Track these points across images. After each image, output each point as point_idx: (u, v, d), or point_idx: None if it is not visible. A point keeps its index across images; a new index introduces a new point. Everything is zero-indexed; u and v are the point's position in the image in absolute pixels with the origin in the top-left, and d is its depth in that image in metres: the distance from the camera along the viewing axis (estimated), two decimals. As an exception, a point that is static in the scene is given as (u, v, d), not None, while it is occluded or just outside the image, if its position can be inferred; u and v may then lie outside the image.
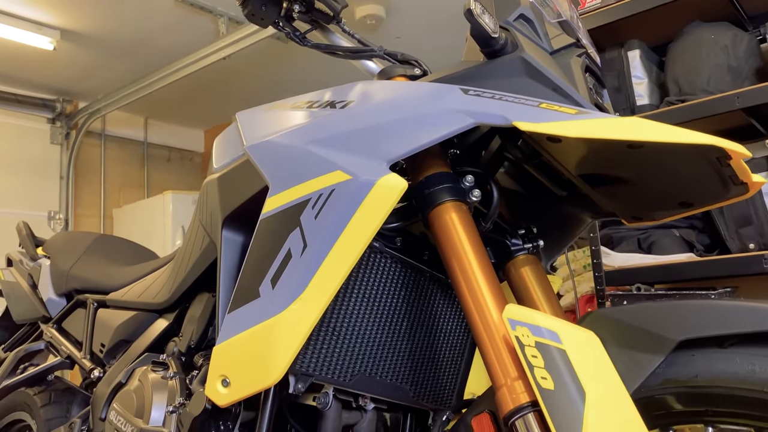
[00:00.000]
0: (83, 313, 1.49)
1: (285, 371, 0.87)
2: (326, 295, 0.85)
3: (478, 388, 1.20)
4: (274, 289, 0.88)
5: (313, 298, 0.85)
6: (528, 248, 1.05)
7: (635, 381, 0.71)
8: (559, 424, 0.66)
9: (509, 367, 0.75)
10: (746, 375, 0.67)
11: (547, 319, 0.72)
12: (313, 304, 0.85)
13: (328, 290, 0.85)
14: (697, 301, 0.71)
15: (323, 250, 0.85)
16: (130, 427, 1.09)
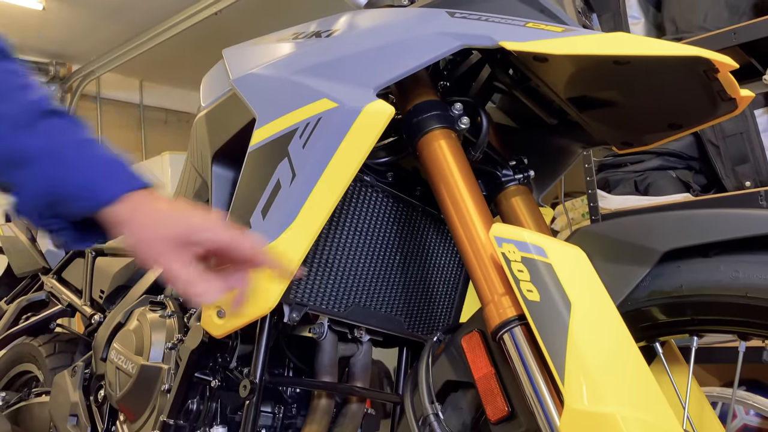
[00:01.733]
0: (82, 262, 1.50)
1: (278, 300, 0.88)
2: (317, 224, 0.86)
3: (473, 321, 1.22)
4: (264, 219, 0.89)
5: (304, 227, 0.86)
6: (519, 179, 1.05)
7: (621, 293, 0.72)
8: (546, 334, 0.68)
9: (496, 284, 0.76)
10: (730, 282, 0.67)
11: (534, 236, 0.73)
12: (304, 232, 0.86)
13: (319, 219, 0.85)
14: (681, 211, 0.71)
15: (312, 178, 0.85)
16: (130, 365, 1.11)
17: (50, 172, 0.66)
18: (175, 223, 0.69)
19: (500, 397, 0.75)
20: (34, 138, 0.67)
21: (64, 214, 0.69)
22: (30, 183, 0.67)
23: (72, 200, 0.67)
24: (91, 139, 0.71)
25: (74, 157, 0.68)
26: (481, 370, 0.78)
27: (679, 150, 2.00)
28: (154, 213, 0.69)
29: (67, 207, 0.68)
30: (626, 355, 0.66)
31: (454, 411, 0.85)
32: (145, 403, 1.07)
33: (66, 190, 0.67)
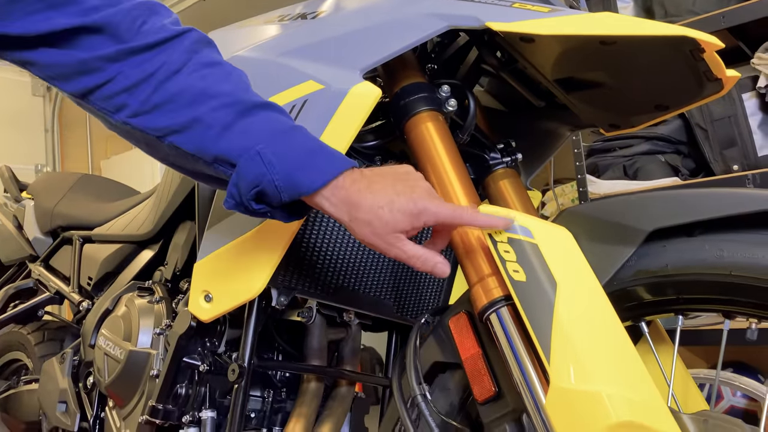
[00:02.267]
0: (69, 249, 1.49)
1: (266, 283, 0.88)
2: (304, 207, 0.85)
3: (462, 304, 1.22)
4: (251, 202, 0.88)
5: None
6: (507, 162, 1.05)
7: (607, 273, 0.72)
8: (532, 314, 0.68)
9: (483, 265, 0.76)
10: (715, 260, 0.68)
11: (520, 216, 0.73)
12: (291, 215, 0.85)
13: (305, 201, 0.85)
14: (667, 191, 0.72)
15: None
16: (118, 350, 1.11)
17: (254, 169, 0.69)
18: (393, 216, 0.70)
19: (487, 377, 0.76)
20: (235, 139, 0.70)
21: (269, 202, 0.71)
22: (240, 180, 0.70)
23: (274, 193, 0.70)
24: (287, 129, 0.72)
25: (271, 155, 0.69)
26: (469, 350, 0.79)
27: (667, 134, 2.01)
28: (369, 200, 0.70)
29: (272, 199, 0.70)
30: (612, 334, 0.66)
31: (441, 392, 0.85)
32: (133, 388, 1.07)
33: (267, 184, 0.69)
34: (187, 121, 0.70)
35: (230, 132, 0.70)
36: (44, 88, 4.31)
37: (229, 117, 0.71)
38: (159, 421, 1.00)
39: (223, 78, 0.74)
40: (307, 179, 0.70)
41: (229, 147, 0.70)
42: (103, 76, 0.70)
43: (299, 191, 0.70)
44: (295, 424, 1.01)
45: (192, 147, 0.71)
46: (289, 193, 0.70)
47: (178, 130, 0.71)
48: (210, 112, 0.70)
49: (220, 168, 0.72)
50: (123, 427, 1.08)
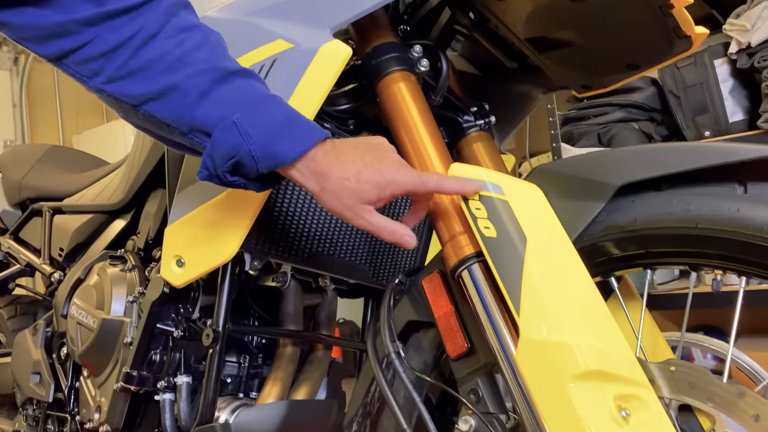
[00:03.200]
0: (39, 221, 1.46)
1: (238, 247, 0.87)
2: (275, 169, 0.84)
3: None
4: (221, 165, 0.87)
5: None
6: (480, 124, 1.04)
7: (577, 228, 0.73)
8: (502, 269, 0.68)
9: (455, 223, 0.76)
10: (682, 214, 0.69)
11: (491, 174, 0.73)
12: (262, 177, 0.84)
13: (276, 163, 0.84)
14: (635, 147, 0.72)
15: (269, 121, 0.83)
16: (91, 319, 1.10)
17: (230, 140, 0.68)
18: (361, 186, 0.70)
19: (459, 333, 0.76)
20: (215, 106, 0.69)
21: (245, 175, 0.71)
22: (215, 150, 0.69)
23: (250, 164, 0.69)
24: (263, 97, 0.72)
25: (248, 125, 0.69)
26: (442, 309, 0.79)
27: (641, 102, 2.02)
28: (338, 171, 0.70)
29: (248, 169, 0.69)
30: (581, 287, 0.67)
31: (415, 351, 0.86)
32: (108, 356, 1.07)
33: (244, 155, 0.68)
34: (163, 88, 0.69)
35: (207, 100, 0.69)
36: (11, 62, 4.20)
37: (206, 84, 0.69)
38: (134, 387, 0.99)
39: (200, 43, 0.72)
40: (285, 149, 0.69)
41: (206, 116, 0.69)
42: (79, 40, 0.68)
43: (276, 162, 0.69)
44: (271, 387, 1.01)
45: (168, 115, 0.70)
46: (266, 164, 0.69)
47: (154, 97, 0.69)
48: (186, 79, 0.69)
49: (195, 138, 0.70)
50: (98, 396, 1.07)
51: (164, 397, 0.98)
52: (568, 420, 0.59)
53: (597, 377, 0.60)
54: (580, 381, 0.60)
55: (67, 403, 1.18)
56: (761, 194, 0.65)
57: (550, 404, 0.61)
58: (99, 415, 1.05)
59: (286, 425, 0.93)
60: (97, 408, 1.06)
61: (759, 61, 1.73)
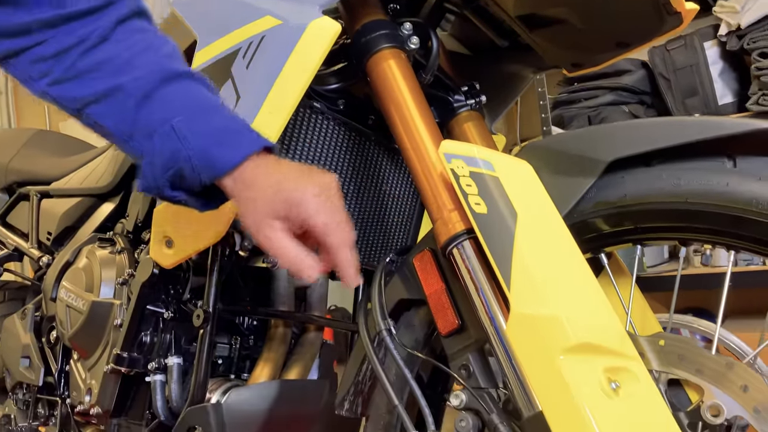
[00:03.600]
0: (27, 205, 1.45)
1: (228, 227, 0.87)
2: (264, 148, 0.84)
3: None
4: (210, 144, 0.86)
5: (251, 151, 0.84)
6: (471, 104, 1.04)
7: (568, 204, 0.73)
8: (492, 245, 0.68)
9: (446, 200, 0.76)
10: (671, 189, 0.69)
11: (482, 150, 0.73)
12: (251, 156, 0.84)
13: (266, 142, 0.83)
14: (625, 122, 0.72)
15: (257, 100, 0.83)
16: (81, 302, 1.09)
17: (169, 146, 0.66)
18: (275, 197, 0.67)
19: (451, 310, 0.76)
20: (157, 108, 0.67)
21: (186, 186, 0.68)
22: (155, 157, 0.66)
23: (191, 174, 0.66)
24: (206, 105, 0.70)
25: (186, 131, 0.66)
26: (432, 286, 0.79)
27: (631, 85, 2.03)
28: (263, 181, 0.67)
29: (187, 180, 0.67)
30: (571, 262, 0.67)
31: (406, 329, 0.86)
32: (98, 339, 1.06)
33: (183, 163, 0.66)
34: (107, 90, 0.67)
35: (149, 102, 0.67)
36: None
37: (150, 85, 0.67)
38: (125, 369, 0.99)
39: (150, 46, 0.70)
40: (223, 156, 0.67)
41: (147, 119, 0.67)
42: (34, 39, 0.67)
43: (215, 170, 0.67)
44: (262, 368, 1.01)
45: (110, 120, 0.67)
46: (207, 174, 0.66)
47: (97, 99, 0.67)
48: (132, 81, 0.67)
49: (135, 145, 0.67)
50: (88, 378, 1.07)
51: (155, 378, 0.98)
52: (559, 392, 0.59)
53: (587, 350, 0.61)
54: (570, 354, 0.60)
55: (58, 386, 1.18)
56: (750, 168, 0.66)
57: (541, 377, 0.61)
58: (89, 397, 1.05)
59: (278, 405, 0.93)
60: (87, 390, 1.06)
61: (748, 42, 1.74)
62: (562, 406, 0.59)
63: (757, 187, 0.64)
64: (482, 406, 0.69)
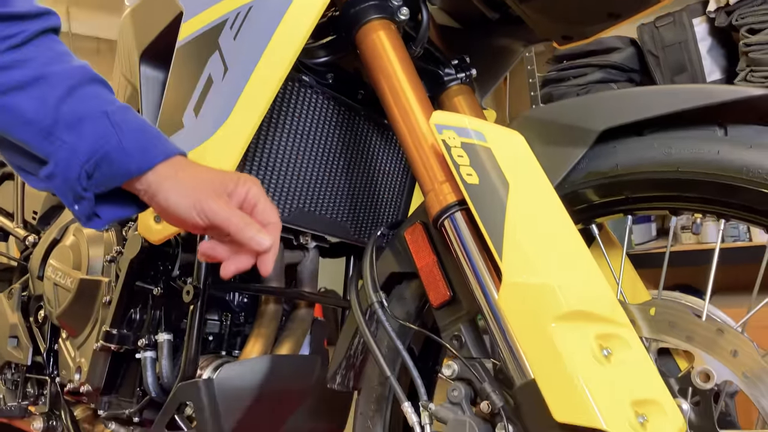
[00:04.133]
0: (11, 185, 1.43)
1: (217, 201, 0.86)
2: (253, 120, 0.83)
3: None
4: (197, 117, 0.85)
5: (240, 123, 0.83)
6: (461, 78, 1.03)
7: (559, 174, 0.72)
8: (484, 215, 0.68)
9: (437, 172, 0.75)
10: (663, 158, 0.69)
11: (474, 121, 0.72)
12: (240, 129, 0.83)
13: (255, 114, 0.82)
14: (617, 90, 0.72)
15: (246, 71, 0.82)
16: (68, 280, 1.08)
17: (99, 131, 0.65)
18: (215, 177, 0.68)
19: (442, 282, 0.76)
20: (85, 100, 0.67)
21: (104, 179, 0.66)
22: (80, 142, 0.65)
23: (119, 160, 0.65)
24: (128, 106, 0.70)
25: (120, 119, 0.66)
26: (424, 259, 0.79)
27: (620, 62, 2.02)
28: (196, 170, 0.69)
29: (113, 168, 0.65)
30: (563, 231, 0.67)
31: (398, 302, 0.86)
32: (86, 317, 1.05)
33: (112, 148, 0.65)
34: (32, 78, 0.65)
35: (75, 96, 0.66)
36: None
37: (75, 80, 0.67)
38: (114, 346, 0.98)
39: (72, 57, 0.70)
40: (159, 146, 0.67)
41: (74, 108, 0.66)
42: None
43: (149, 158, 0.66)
44: (253, 344, 1.01)
45: (31, 106, 0.65)
46: (137, 162, 0.65)
47: (20, 86, 0.65)
48: (57, 74, 0.66)
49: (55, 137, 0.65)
50: (77, 356, 1.06)
51: (145, 355, 0.97)
52: (551, 359, 0.59)
53: (579, 317, 0.61)
54: (562, 321, 0.60)
55: (47, 365, 1.17)
56: (741, 136, 0.66)
57: (533, 345, 0.61)
58: (79, 375, 1.04)
59: (270, 380, 0.93)
60: (77, 369, 1.05)
61: (737, 19, 1.73)
62: (555, 373, 0.59)
63: (747, 155, 0.64)
64: (474, 375, 0.69)
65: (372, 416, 0.85)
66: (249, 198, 0.69)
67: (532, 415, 0.62)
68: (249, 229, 0.66)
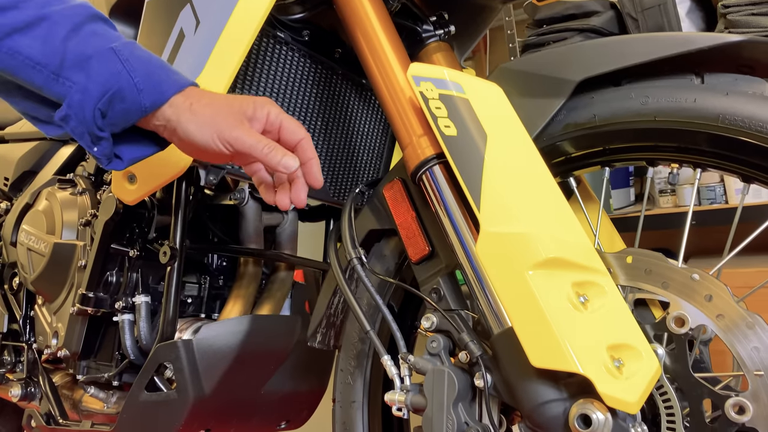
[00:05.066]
0: (-19, 152, 1.39)
1: (191, 160, 0.85)
2: (226, 76, 0.81)
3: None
4: (170, 73, 0.83)
5: (213, 79, 0.81)
6: (440, 35, 1.02)
7: (537, 126, 0.72)
8: (462, 166, 0.67)
9: (415, 125, 0.75)
10: (640, 108, 0.69)
11: (451, 73, 0.71)
12: (212, 85, 0.80)
13: (228, 70, 0.81)
14: (595, 40, 0.71)
15: (218, 25, 0.80)
16: (42, 244, 1.06)
17: (109, 68, 0.63)
18: (234, 103, 0.67)
19: (421, 237, 0.76)
20: (90, 38, 0.65)
21: (119, 117, 0.65)
22: (91, 81, 0.63)
23: (132, 96, 0.64)
24: (134, 42, 0.68)
25: (128, 55, 0.65)
26: (403, 215, 0.79)
27: (600, 26, 2.01)
28: (212, 98, 0.67)
29: (126, 105, 0.64)
30: (540, 182, 0.67)
31: (378, 259, 0.85)
32: (62, 281, 1.04)
33: (124, 85, 0.63)
34: (32, 19, 0.64)
35: (80, 33, 0.65)
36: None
37: (79, 18, 0.65)
38: (91, 309, 0.97)
39: None
40: (170, 79, 0.66)
41: (80, 47, 0.64)
42: None
43: (161, 92, 0.65)
44: (233, 305, 1.00)
45: (36, 50, 0.63)
46: (151, 96, 0.64)
47: (21, 28, 0.63)
48: (59, 12, 0.65)
49: (65, 77, 0.63)
50: (54, 322, 1.05)
51: (123, 317, 0.96)
52: (528, 306, 0.60)
53: (555, 265, 0.61)
54: (539, 269, 0.60)
55: (23, 332, 1.15)
56: (718, 84, 0.66)
57: (510, 293, 0.62)
58: (56, 340, 1.03)
59: (250, 340, 0.93)
60: (54, 334, 1.04)
61: (716, -20, 1.73)
62: (531, 320, 0.59)
63: (724, 102, 0.64)
64: (453, 326, 0.70)
65: (352, 372, 0.85)
66: (271, 120, 0.68)
67: (509, 362, 0.62)
68: (276, 154, 0.66)
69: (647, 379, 0.59)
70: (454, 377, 0.66)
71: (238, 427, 0.99)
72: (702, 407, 0.61)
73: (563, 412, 0.60)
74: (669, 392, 0.61)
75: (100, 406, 1.02)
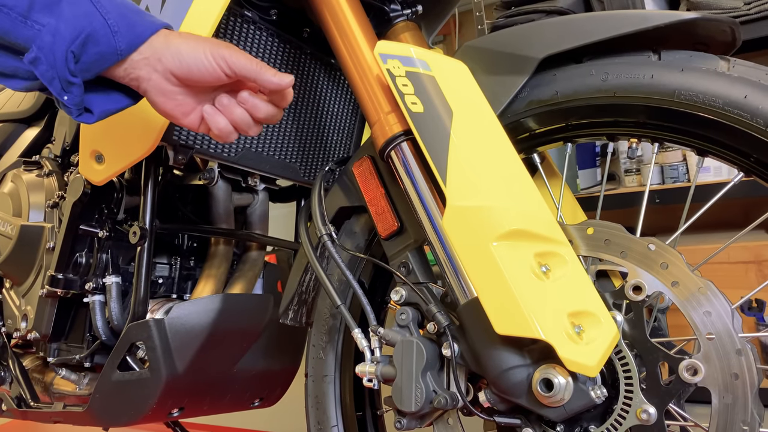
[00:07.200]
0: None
1: (159, 139, 0.85)
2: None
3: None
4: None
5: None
6: (407, 14, 1.02)
7: (501, 103, 0.74)
8: (429, 142, 0.69)
9: (382, 102, 0.76)
10: (600, 84, 0.71)
11: (418, 50, 0.72)
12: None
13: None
14: (557, 18, 0.73)
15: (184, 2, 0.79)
16: (9, 227, 1.05)
17: (80, 10, 0.62)
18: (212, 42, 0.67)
19: (390, 213, 0.78)
20: None
21: (92, 62, 0.62)
22: (62, 23, 0.61)
23: (106, 39, 0.62)
24: None
25: None
26: (372, 192, 0.80)
27: (566, 8, 2.03)
28: (188, 35, 0.67)
29: (100, 48, 0.62)
30: (504, 157, 0.68)
31: (348, 236, 0.87)
32: (30, 264, 1.03)
33: (98, 27, 0.62)
34: None
35: None
36: None
37: None
38: (60, 291, 0.97)
39: None
40: (145, 21, 0.65)
41: None
42: None
43: (136, 34, 0.63)
44: (204, 284, 1.01)
45: None
46: (126, 38, 0.63)
47: None
48: None
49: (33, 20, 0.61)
50: (23, 305, 1.04)
51: (93, 298, 0.96)
52: (492, 276, 0.62)
53: (518, 236, 0.63)
54: (503, 240, 0.62)
55: (-9, 317, 1.14)
56: (674, 61, 0.68)
57: (475, 264, 0.63)
58: (26, 323, 1.03)
59: (222, 318, 0.93)
60: (23, 316, 1.03)
61: (678, -37, 1.76)
62: (496, 289, 0.61)
63: (679, 78, 0.66)
64: (421, 298, 0.71)
65: (324, 347, 0.87)
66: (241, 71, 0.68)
67: (475, 330, 0.64)
68: (268, 69, 0.68)
69: (606, 344, 0.61)
70: (422, 347, 0.68)
71: (212, 405, 1.00)
72: (658, 370, 0.64)
73: (527, 377, 0.62)
74: (627, 357, 0.64)
75: (72, 388, 1.02)
